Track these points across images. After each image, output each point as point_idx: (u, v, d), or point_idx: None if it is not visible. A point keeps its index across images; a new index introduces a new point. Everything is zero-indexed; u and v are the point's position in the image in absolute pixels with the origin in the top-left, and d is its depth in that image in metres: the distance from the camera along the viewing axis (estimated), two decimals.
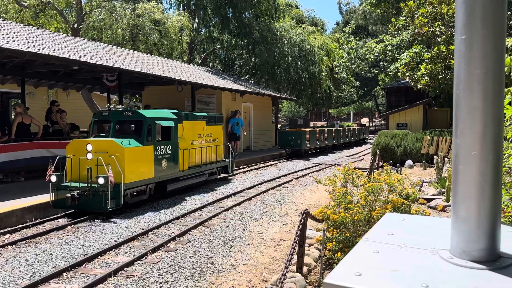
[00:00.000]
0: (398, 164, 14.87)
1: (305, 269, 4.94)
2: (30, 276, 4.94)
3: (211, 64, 31.24)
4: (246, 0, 24.76)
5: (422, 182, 10.24)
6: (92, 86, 17.04)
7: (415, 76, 15.45)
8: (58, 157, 8.18)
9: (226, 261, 5.55)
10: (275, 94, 23.92)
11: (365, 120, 61.77)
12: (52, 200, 7.86)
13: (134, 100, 26.24)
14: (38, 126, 11.77)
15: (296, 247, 4.46)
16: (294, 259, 4.83)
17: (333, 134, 24.39)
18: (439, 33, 14.07)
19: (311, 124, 43.35)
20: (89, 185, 7.66)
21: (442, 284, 0.96)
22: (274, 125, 26.20)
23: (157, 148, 9.05)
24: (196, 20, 26.85)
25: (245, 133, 19.51)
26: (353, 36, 44.85)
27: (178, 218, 7.76)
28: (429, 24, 13.91)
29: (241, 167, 15.53)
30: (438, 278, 0.99)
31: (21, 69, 12.62)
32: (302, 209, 4.72)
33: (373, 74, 40.75)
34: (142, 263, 5.42)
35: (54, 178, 7.81)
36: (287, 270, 3.98)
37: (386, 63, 32.76)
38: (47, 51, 9.84)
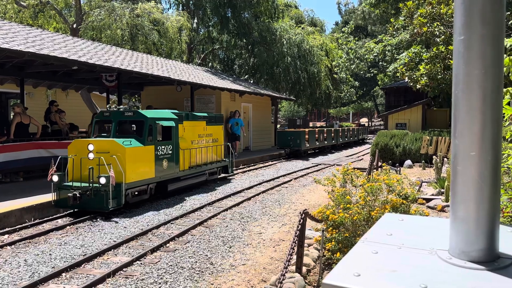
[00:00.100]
0: (397, 164, 14.87)
1: (304, 269, 4.94)
2: (29, 277, 4.94)
3: (210, 64, 31.23)
4: (245, 0, 24.75)
5: (421, 182, 10.25)
6: (91, 86, 17.03)
7: (414, 76, 15.45)
8: (60, 157, 8.21)
9: (225, 261, 5.55)
10: (274, 94, 23.93)
11: (364, 120, 61.81)
12: (54, 200, 7.90)
13: (134, 100, 26.23)
14: (37, 126, 11.76)
15: (295, 247, 4.46)
16: (293, 259, 4.83)
17: (332, 134, 24.41)
18: (438, 33, 14.07)
19: (310, 124, 43.36)
20: (91, 185, 7.71)
21: (441, 285, 0.96)
22: (273, 125, 26.21)
23: (158, 148, 9.08)
24: (195, 20, 26.84)
25: (245, 134, 19.50)
26: (352, 36, 44.88)
27: (177, 218, 7.76)
28: (428, 24, 13.92)
29: (240, 167, 15.52)
30: (437, 279, 0.99)
31: (20, 69, 12.61)
32: (301, 209, 4.72)
33: (372, 74, 40.78)
34: (141, 264, 5.42)
35: (56, 178, 7.85)
36: (286, 270, 3.98)
37: (385, 63, 32.78)
38: (46, 51, 9.83)
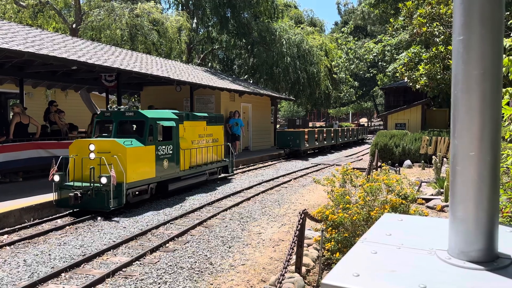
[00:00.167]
0: (397, 164, 14.88)
1: (304, 269, 4.94)
2: (28, 277, 4.94)
3: (210, 64, 31.22)
4: (245, 0, 24.75)
5: (421, 182, 10.25)
6: (91, 86, 17.03)
7: (414, 76, 15.47)
8: (61, 157, 8.25)
9: (225, 262, 5.55)
10: (274, 94, 23.93)
11: (364, 120, 61.80)
12: (55, 200, 7.94)
13: (133, 100, 26.22)
14: (36, 126, 11.76)
15: (295, 248, 4.46)
16: (293, 259, 4.83)
17: (332, 134, 24.41)
18: (438, 33, 14.09)
19: (310, 124, 43.36)
20: (92, 185, 7.75)
21: (440, 285, 0.96)
22: (273, 125, 26.21)
23: (159, 148, 9.12)
24: (195, 20, 26.83)
25: (244, 135, 19.50)
26: (352, 36, 44.87)
27: (177, 219, 7.76)
28: (428, 25, 13.93)
29: (240, 167, 15.52)
30: (436, 279, 0.99)
31: (20, 69, 12.61)
32: (301, 209, 4.72)
33: (372, 74, 40.76)
34: (141, 264, 5.42)
35: (57, 178, 7.90)
36: (286, 271, 3.98)
37: (385, 63, 32.80)
38: (46, 51, 9.83)
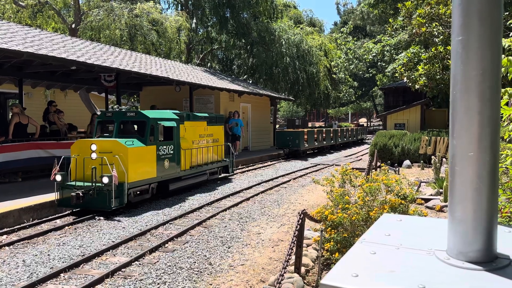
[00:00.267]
0: (396, 164, 14.90)
1: (303, 270, 4.94)
2: (28, 277, 4.93)
3: (209, 64, 31.21)
4: (244, 0, 24.75)
5: (420, 182, 10.25)
6: (90, 87, 17.01)
7: (413, 77, 15.47)
8: (63, 157, 8.29)
9: (224, 262, 5.54)
10: (273, 94, 23.93)
11: (363, 120, 61.84)
12: (57, 199, 7.99)
13: (132, 101, 26.20)
14: (36, 127, 11.75)
15: (294, 248, 4.46)
16: (292, 260, 4.83)
17: (331, 135, 24.42)
18: (437, 34, 14.09)
19: (309, 124, 43.42)
20: (94, 184, 7.81)
21: (439, 285, 0.96)
22: (272, 125, 26.21)
23: (160, 148, 9.16)
24: (194, 20, 26.82)
25: (244, 135, 19.50)
26: (351, 37, 44.92)
27: (176, 219, 7.76)
28: (427, 25, 13.94)
29: (239, 168, 15.52)
30: (435, 279, 0.99)
31: (19, 69, 12.60)
32: (300, 210, 4.72)
33: (371, 75, 40.76)
34: (140, 264, 5.42)
35: (59, 177, 7.95)
36: (285, 271, 3.98)
37: (384, 64, 32.82)
38: (45, 51, 9.82)
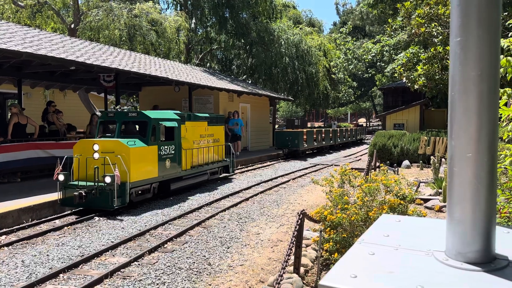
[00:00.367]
0: (395, 165, 14.91)
1: (302, 270, 4.94)
2: (26, 278, 4.92)
3: (209, 65, 31.20)
4: (244, 1, 24.75)
5: (419, 183, 10.26)
6: (89, 87, 17.01)
7: (412, 77, 15.48)
8: (66, 157, 8.34)
9: (223, 262, 5.54)
10: (273, 95, 23.92)
11: (362, 121, 61.88)
12: (60, 198, 8.05)
13: (131, 101, 26.18)
14: (35, 127, 11.73)
15: (293, 248, 4.46)
16: (291, 260, 4.83)
17: (330, 135, 24.42)
18: (436, 34, 14.10)
19: (309, 125, 43.42)
20: (96, 184, 7.87)
21: (437, 286, 0.96)
22: (272, 126, 26.20)
23: (161, 148, 9.22)
24: (194, 21, 26.80)
25: (244, 135, 19.50)
26: (350, 37, 44.92)
27: (175, 219, 7.75)
28: (426, 25, 13.95)
29: (239, 168, 15.52)
30: (433, 280, 0.99)
31: (18, 70, 12.59)
32: (299, 210, 4.72)
33: (370, 75, 40.75)
34: (139, 264, 5.41)
35: (62, 177, 8.01)
36: (284, 271, 3.98)
37: (383, 64, 32.79)
38: (44, 52, 9.81)
